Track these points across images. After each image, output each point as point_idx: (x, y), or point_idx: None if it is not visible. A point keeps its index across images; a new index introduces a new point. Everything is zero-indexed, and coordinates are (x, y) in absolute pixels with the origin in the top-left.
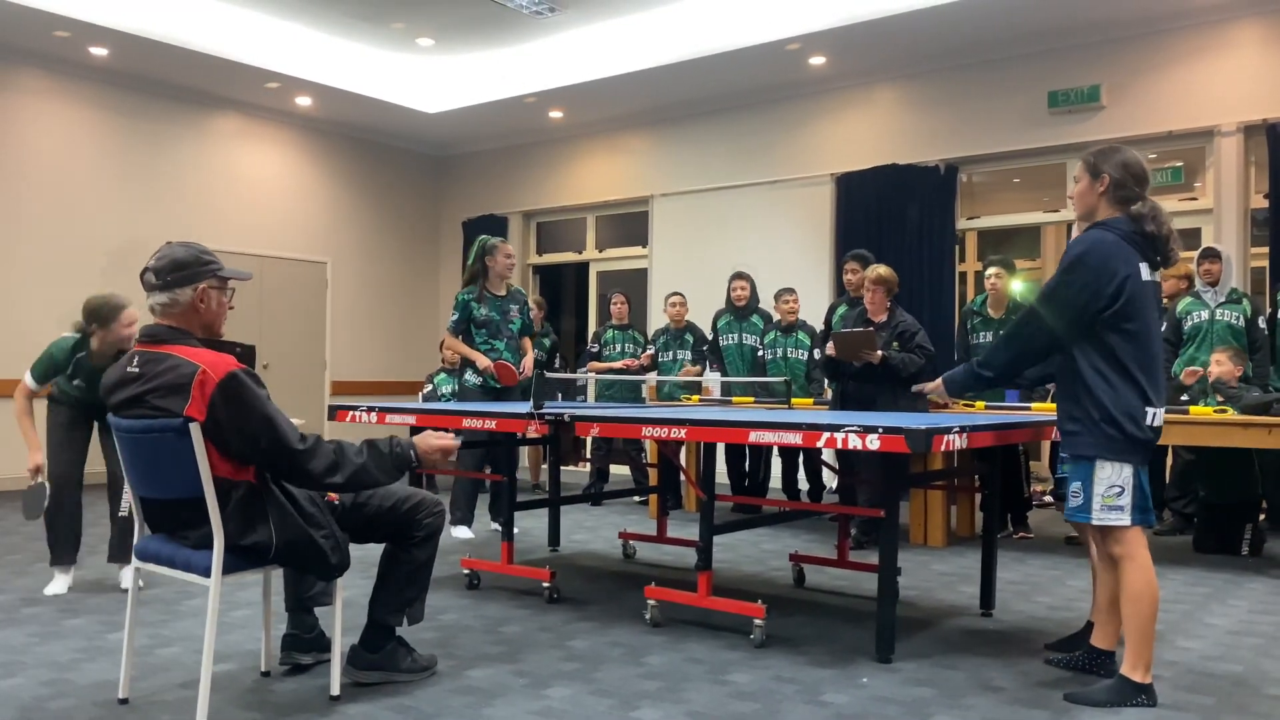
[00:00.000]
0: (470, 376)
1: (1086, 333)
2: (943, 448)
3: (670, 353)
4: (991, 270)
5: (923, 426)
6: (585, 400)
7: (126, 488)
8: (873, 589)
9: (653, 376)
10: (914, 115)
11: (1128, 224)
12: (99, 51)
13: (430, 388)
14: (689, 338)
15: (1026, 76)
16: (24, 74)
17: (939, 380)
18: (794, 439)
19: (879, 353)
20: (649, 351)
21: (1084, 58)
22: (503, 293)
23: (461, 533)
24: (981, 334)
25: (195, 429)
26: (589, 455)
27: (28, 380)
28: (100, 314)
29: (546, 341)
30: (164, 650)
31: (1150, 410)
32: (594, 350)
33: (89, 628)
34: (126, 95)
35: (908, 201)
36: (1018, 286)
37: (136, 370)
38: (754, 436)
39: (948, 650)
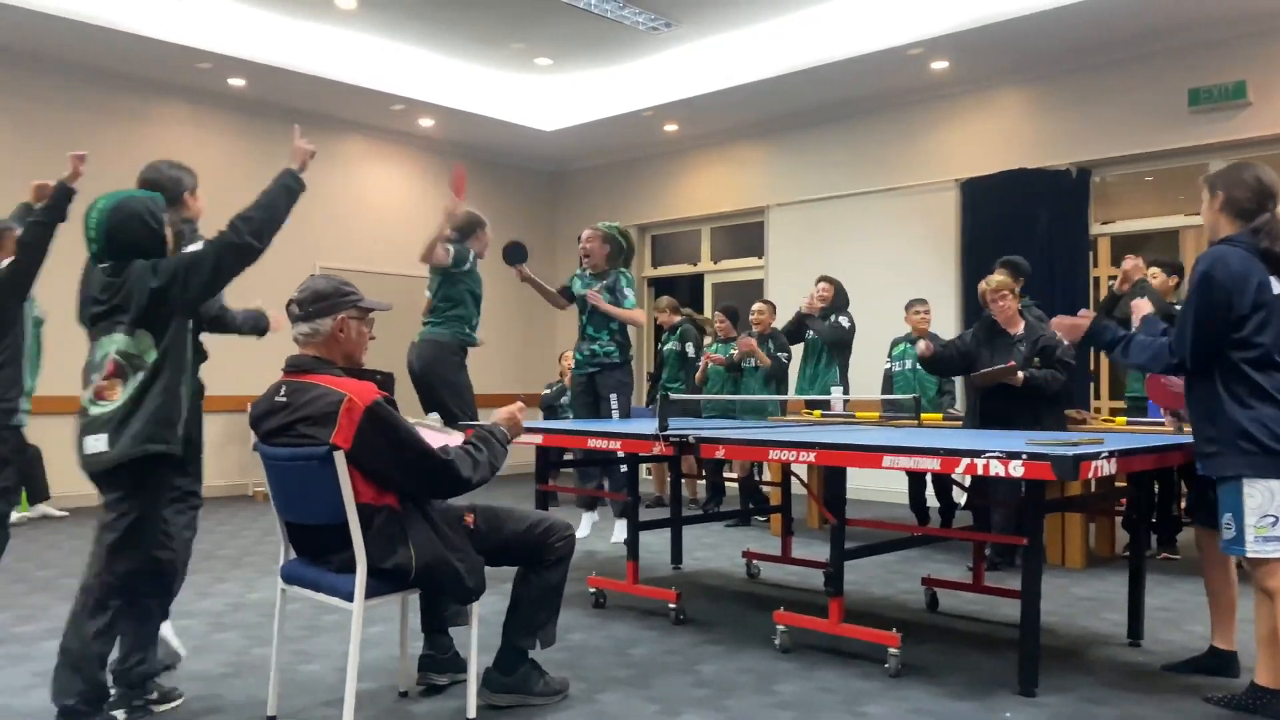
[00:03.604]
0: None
1: (1219, 350)
2: (1091, 474)
3: (751, 360)
4: (1153, 269)
5: (1070, 453)
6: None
7: None
8: (1010, 613)
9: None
10: (1043, 118)
11: (1250, 238)
12: (237, 82)
13: (549, 392)
14: (770, 345)
15: (1164, 74)
16: (169, 106)
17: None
18: (931, 465)
19: (1020, 374)
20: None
21: (1227, 53)
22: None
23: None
24: None
25: (340, 457)
26: (703, 472)
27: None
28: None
29: (679, 331)
30: (306, 667)
31: None
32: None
33: (236, 643)
34: (262, 122)
35: (1037, 206)
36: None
37: (284, 399)
38: (888, 462)
39: (1095, 684)
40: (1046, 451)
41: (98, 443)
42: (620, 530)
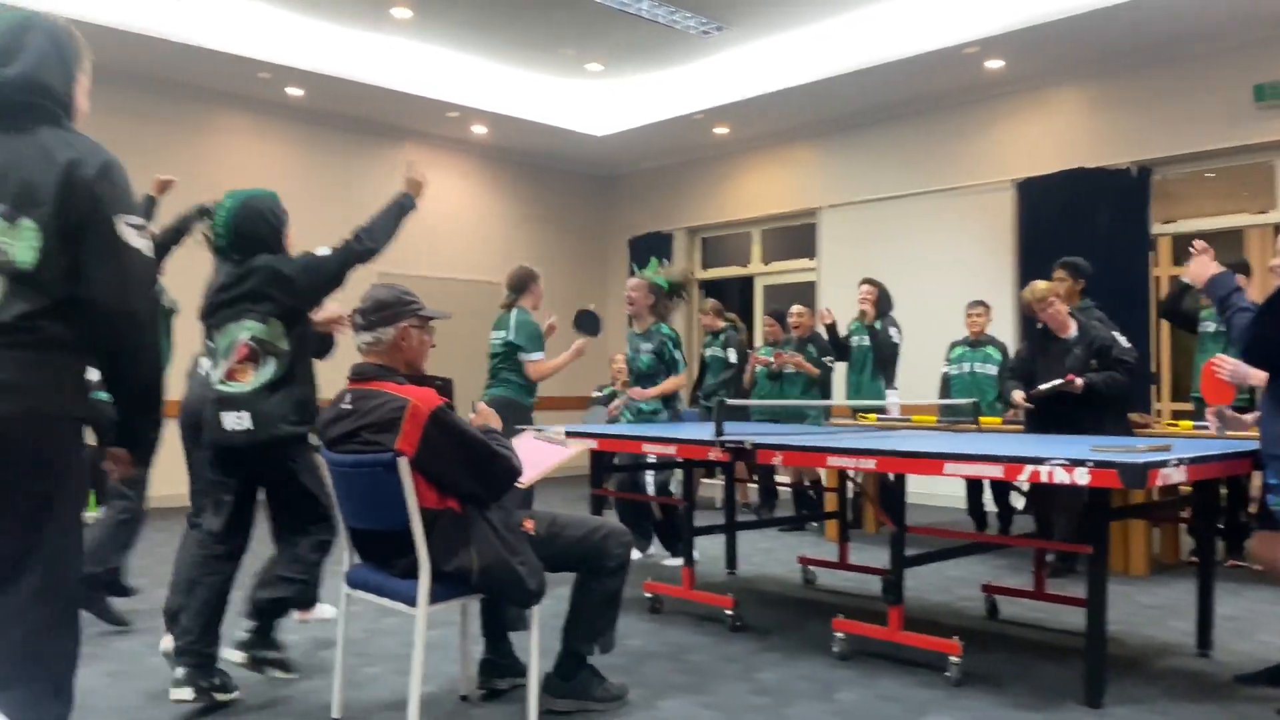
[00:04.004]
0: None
1: None
2: (1159, 482)
3: (791, 366)
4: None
5: (1138, 460)
6: None
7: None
8: (1073, 622)
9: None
10: (1101, 116)
11: None
12: (295, 92)
13: (597, 394)
14: (812, 349)
15: (1228, 69)
16: (230, 116)
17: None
18: (994, 472)
19: (1079, 381)
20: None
21: None
22: (639, 330)
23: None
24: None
25: (404, 463)
26: (754, 476)
27: (537, 357)
28: (532, 276)
29: (721, 337)
30: (368, 669)
31: None
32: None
33: (300, 645)
34: (319, 131)
35: (1096, 206)
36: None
37: (349, 406)
38: (949, 469)
39: (1164, 695)
40: (1113, 459)
41: (240, 420)
42: (672, 564)
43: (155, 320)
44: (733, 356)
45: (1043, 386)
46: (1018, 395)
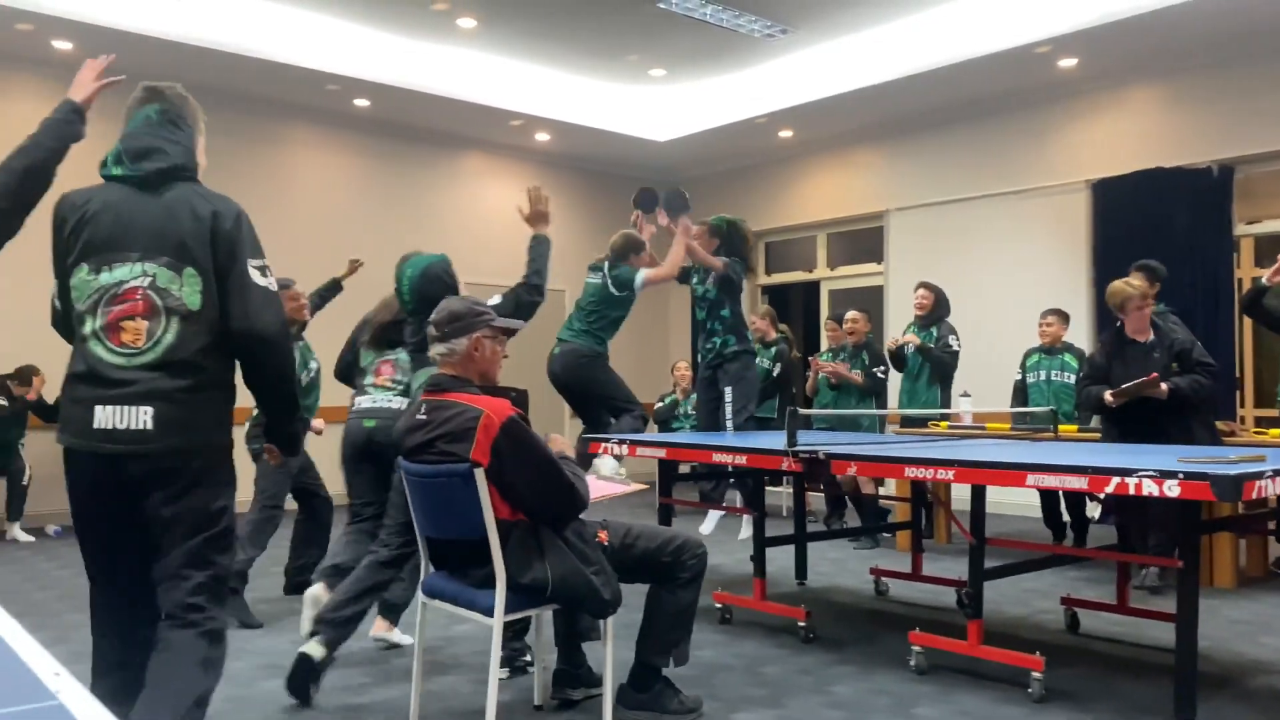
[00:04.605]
0: None
1: None
2: (1254, 494)
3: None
4: None
5: (1232, 472)
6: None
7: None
8: (1158, 636)
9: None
10: (1180, 113)
11: None
12: (362, 103)
13: (660, 405)
14: (864, 357)
15: None
16: (298, 128)
17: None
18: (1079, 483)
19: (1164, 386)
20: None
21: None
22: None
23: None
24: None
25: (480, 474)
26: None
27: (645, 271)
28: (636, 245)
29: (774, 350)
30: (442, 678)
31: None
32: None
33: (374, 653)
34: (383, 141)
35: (1175, 207)
36: None
37: (424, 417)
38: (1032, 480)
39: (1258, 715)
40: (1204, 470)
41: None
42: (747, 526)
43: (285, 341)
44: (777, 371)
45: (1125, 385)
46: (1108, 395)
